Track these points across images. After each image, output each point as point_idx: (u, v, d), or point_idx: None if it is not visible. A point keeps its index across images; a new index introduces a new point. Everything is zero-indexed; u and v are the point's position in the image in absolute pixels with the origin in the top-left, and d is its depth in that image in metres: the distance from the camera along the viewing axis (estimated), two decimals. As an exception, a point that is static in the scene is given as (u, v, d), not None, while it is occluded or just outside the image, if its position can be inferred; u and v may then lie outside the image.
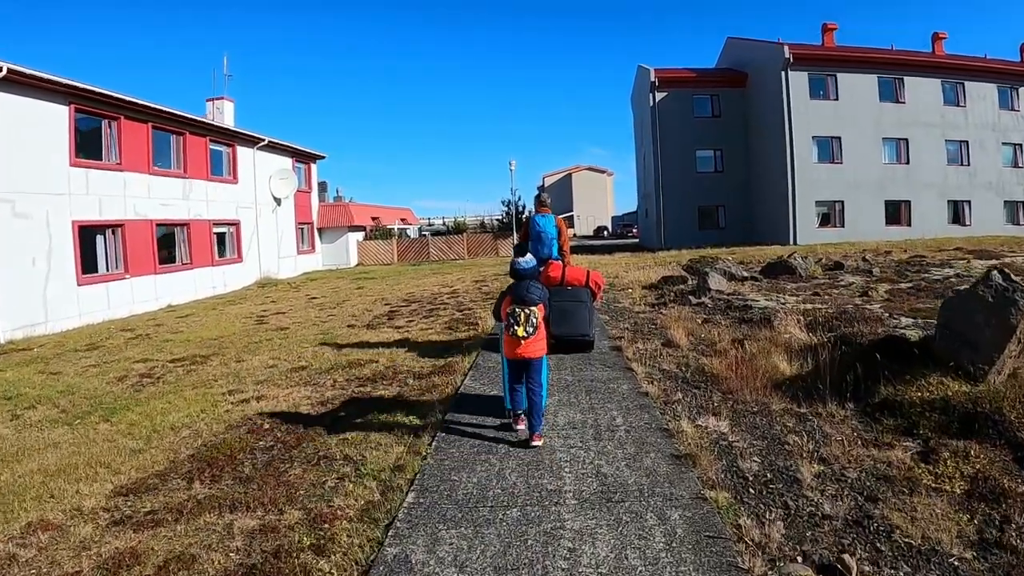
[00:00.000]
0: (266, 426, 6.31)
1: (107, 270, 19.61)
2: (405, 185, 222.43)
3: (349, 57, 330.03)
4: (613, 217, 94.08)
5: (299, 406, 6.90)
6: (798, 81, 32.76)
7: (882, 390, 5.93)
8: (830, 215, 33.86)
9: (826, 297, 11.94)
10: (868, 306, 10.43)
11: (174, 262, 22.85)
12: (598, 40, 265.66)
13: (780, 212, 33.09)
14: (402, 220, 45.39)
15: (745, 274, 14.81)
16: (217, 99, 30.98)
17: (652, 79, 36.24)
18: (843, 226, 33.57)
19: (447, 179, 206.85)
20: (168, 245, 22.73)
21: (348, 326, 12.95)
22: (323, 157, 35.39)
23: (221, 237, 26.09)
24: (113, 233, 19.85)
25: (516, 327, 5.08)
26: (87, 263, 18.68)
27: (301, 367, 9.05)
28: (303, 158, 33.76)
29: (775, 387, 6.24)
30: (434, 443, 5.29)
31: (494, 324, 10.33)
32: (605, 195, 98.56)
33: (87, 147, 19.13)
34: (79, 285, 18.15)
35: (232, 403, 7.41)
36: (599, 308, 11.96)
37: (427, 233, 50.13)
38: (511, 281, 5.51)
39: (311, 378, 8.23)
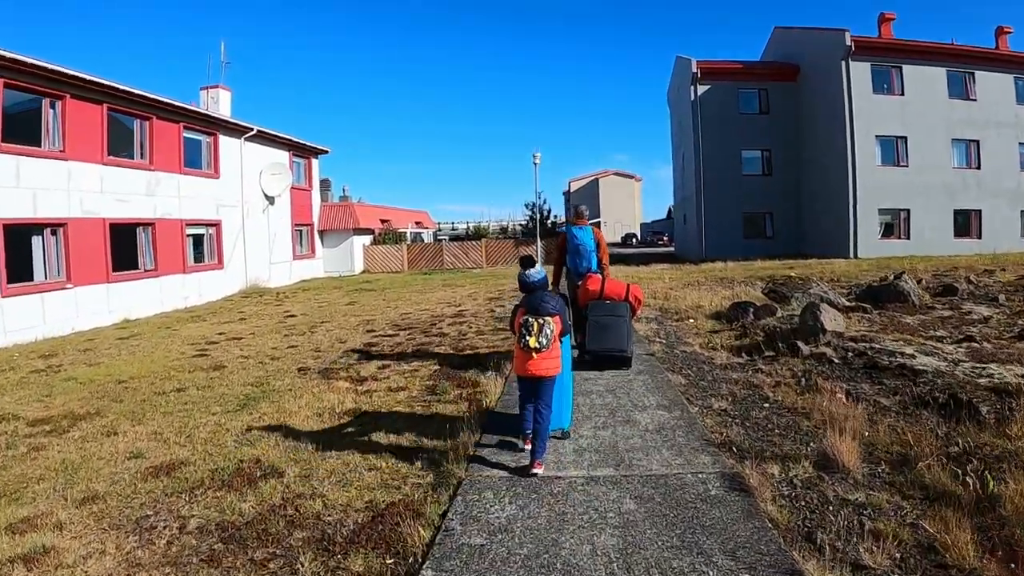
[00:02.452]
0: None
1: (44, 278, 16.29)
2: (426, 187, 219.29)
3: (368, 54, 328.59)
4: (642, 224, 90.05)
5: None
6: (860, 73, 28.73)
7: None
8: (894, 225, 29.72)
9: (986, 344, 8.09)
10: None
11: (135, 268, 19.44)
12: (624, 42, 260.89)
13: (838, 221, 29.01)
14: (416, 223, 41.79)
15: (845, 302, 10.97)
16: (212, 87, 27.78)
17: (694, 70, 32.33)
18: (908, 238, 29.44)
19: (470, 182, 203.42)
20: (127, 248, 19.29)
21: (299, 370, 9.32)
22: (325, 151, 31.90)
23: (197, 240, 22.67)
24: (53, 233, 16.50)
25: (528, 337, 4.67)
26: (16, 269, 15.41)
27: (170, 467, 5.42)
28: (302, 152, 30.28)
29: None
30: None
31: (500, 392, 6.83)
32: (633, 201, 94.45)
33: (19, 130, 15.80)
34: (4, 296, 14.84)
35: (-21, 570, 3.82)
36: (661, 356, 8.25)
37: (445, 238, 46.69)
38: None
39: (156, 507, 4.57)
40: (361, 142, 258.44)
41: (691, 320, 11.31)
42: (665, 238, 68.51)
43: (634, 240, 75.99)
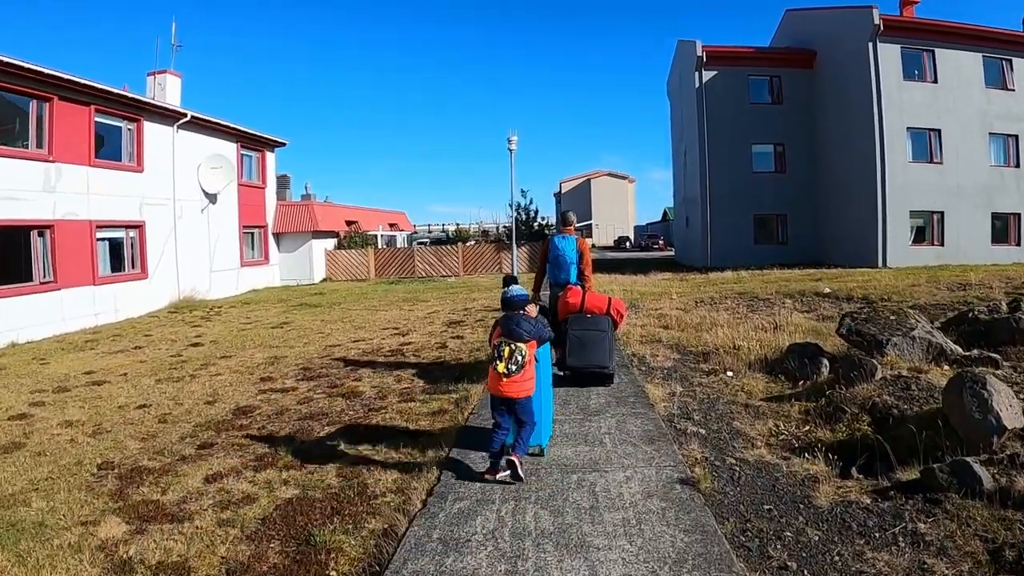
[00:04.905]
0: None
1: None
2: (418, 188, 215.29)
3: (355, 50, 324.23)
4: (636, 227, 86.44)
5: None
6: (889, 56, 25.19)
7: None
8: (925, 229, 26.23)
9: None
10: None
11: (27, 281, 15.77)
12: (616, 35, 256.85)
13: (864, 225, 25.46)
14: (391, 225, 37.99)
15: (959, 349, 7.36)
16: (159, 72, 24.12)
17: (699, 54, 28.69)
18: (942, 244, 25.92)
19: (463, 183, 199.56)
20: (16, 256, 15.67)
21: (100, 467, 5.73)
22: (282, 144, 28.04)
23: (115, 245, 18.93)
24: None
25: (498, 362, 4.68)
26: None
27: None
28: (253, 144, 26.46)
29: None
30: None
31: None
32: (626, 203, 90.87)
33: None
34: None
35: None
36: (710, 486, 4.46)
37: (426, 241, 43.11)
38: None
39: None
40: (346, 140, 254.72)
41: (730, 373, 7.67)
42: (661, 242, 65.07)
43: (627, 243, 72.18)
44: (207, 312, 18.69)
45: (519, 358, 4.64)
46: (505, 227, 40.08)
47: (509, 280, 5.37)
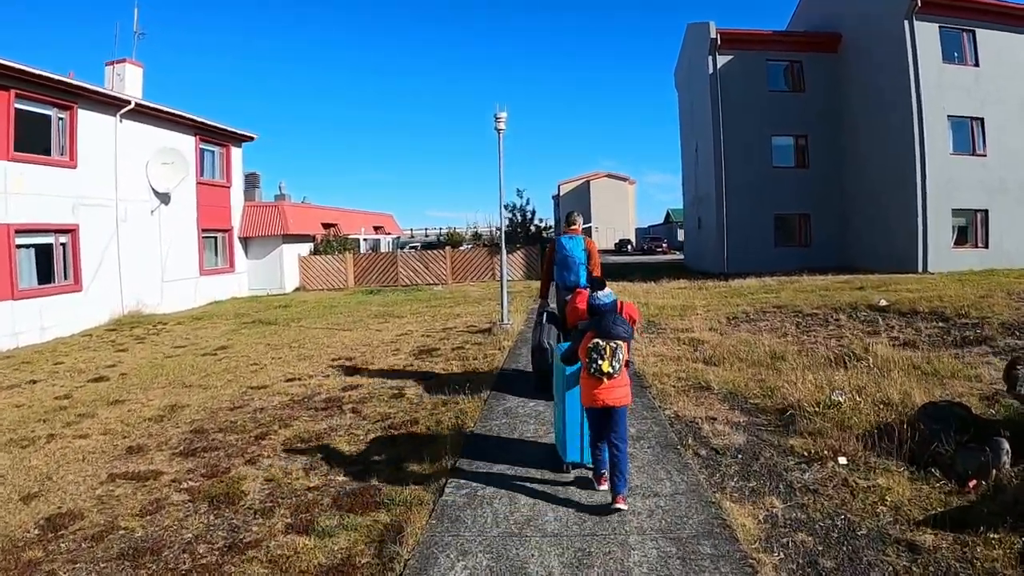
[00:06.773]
0: None
1: None
2: (414, 192, 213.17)
3: (350, 54, 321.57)
4: (637, 229, 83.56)
5: None
6: (927, 36, 22.44)
7: None
8: (968, 229, 23.44)
9: None
10: None
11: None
12: (612, 40, 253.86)
13: (901, 224, 22.66)
14: (376, 228, 35.11)
15: None
16: (118, 62, 21.54)
17: (713, 36, 25.90)
18: (986, 246, 23.10)
19: (460, 188, 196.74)
20: None
21: None
22: (250, 138, 25.12)
23: (42, 252, 16.20)
24: None
25: (601, 361, 4.28)
26: None
27: None
28: (216, 137, 23.57)
29: None
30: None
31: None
32: (627, 205, 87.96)
33: None
34: None
35: None
36: None
37: (417, 245, 40.48)
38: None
39: None
40: (343, 142, 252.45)
41: (843, 459, 4.71)
42: (664, 245, 62.45)
43: (629, 247, 69.18)
44: (148, 330, 15.92)
45: (621, 355, 4.34)
46: (498, 229, 37.23)
47: (597, 284, 4.94)
